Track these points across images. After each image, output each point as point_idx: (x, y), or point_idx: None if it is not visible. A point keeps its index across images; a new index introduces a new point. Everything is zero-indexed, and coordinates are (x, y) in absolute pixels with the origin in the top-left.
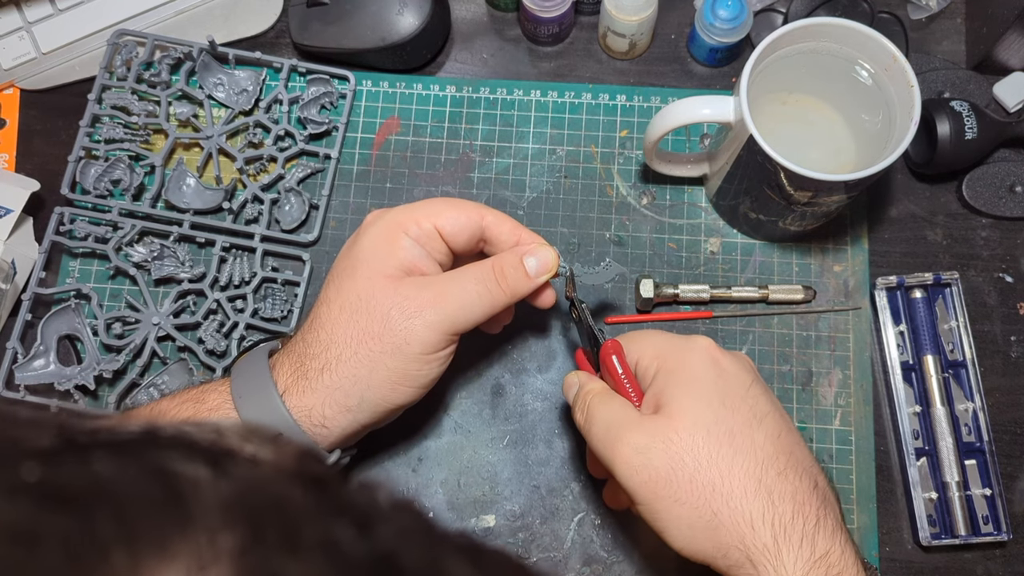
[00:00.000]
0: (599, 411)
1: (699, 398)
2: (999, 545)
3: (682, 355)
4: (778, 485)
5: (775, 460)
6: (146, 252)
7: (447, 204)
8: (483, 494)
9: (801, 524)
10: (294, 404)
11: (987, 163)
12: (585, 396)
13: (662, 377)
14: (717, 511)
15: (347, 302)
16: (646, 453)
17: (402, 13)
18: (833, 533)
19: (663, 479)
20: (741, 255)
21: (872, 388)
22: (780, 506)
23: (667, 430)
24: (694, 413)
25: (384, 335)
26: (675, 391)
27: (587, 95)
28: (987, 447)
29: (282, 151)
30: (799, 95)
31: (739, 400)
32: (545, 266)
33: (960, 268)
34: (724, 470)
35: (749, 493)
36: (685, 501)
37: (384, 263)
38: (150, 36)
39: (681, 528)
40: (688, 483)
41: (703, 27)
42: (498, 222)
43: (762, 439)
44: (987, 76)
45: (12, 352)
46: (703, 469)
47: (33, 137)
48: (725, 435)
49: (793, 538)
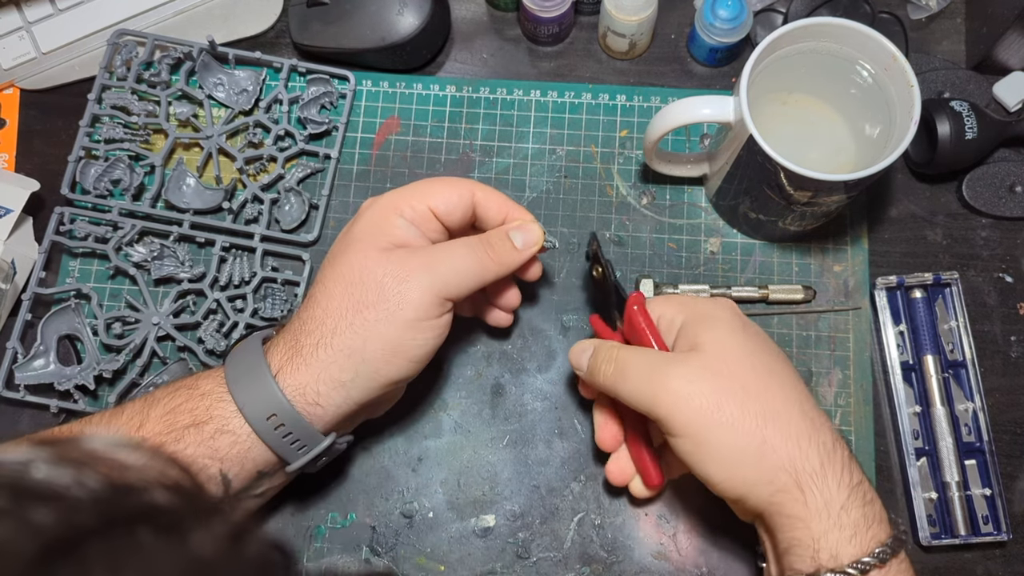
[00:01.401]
0: (633, 359)
1: (735, 338)
2: (999, 545)
3: (708, 306)
4: (816, 415)
5: (808, 396)
6: (146, 252)
7: (439, 183)
8: (483, 494)
9: (840, 452)
10: (287, 383)
11: (987, 163)
12: (609, 351)
13: (691, 324)
14: (768, 436)
15: (341, 275)
16: (697, 383)
17: (402, 13)
18: (859, 466)
19: (714, 406)
20: (741, 255)
21: (872, 388)
22: (822, 433)
23: (714, 361)
24: (735, 348)
25: (378, 303)
26: (710, 333)
27: (587, 95)
28: (987, 447)
29: (282, 151)
30: (799, 95)
31: (768, 344)
32: (531, 238)
33: (960, 268)
34: (772, 400)
35: (795, 418)
36: (736, 427)
37: (377, 239)
38: (150, 36)
39: (729, 456)
40: (740, 408)
41: (703, 27)
42: (487, 197)
43: (794, 379)
44: (987, 76)
45: (12, 352)
46: (752, 396)
47: (33, 137)
48: (765, 369)
49: (836, 463)
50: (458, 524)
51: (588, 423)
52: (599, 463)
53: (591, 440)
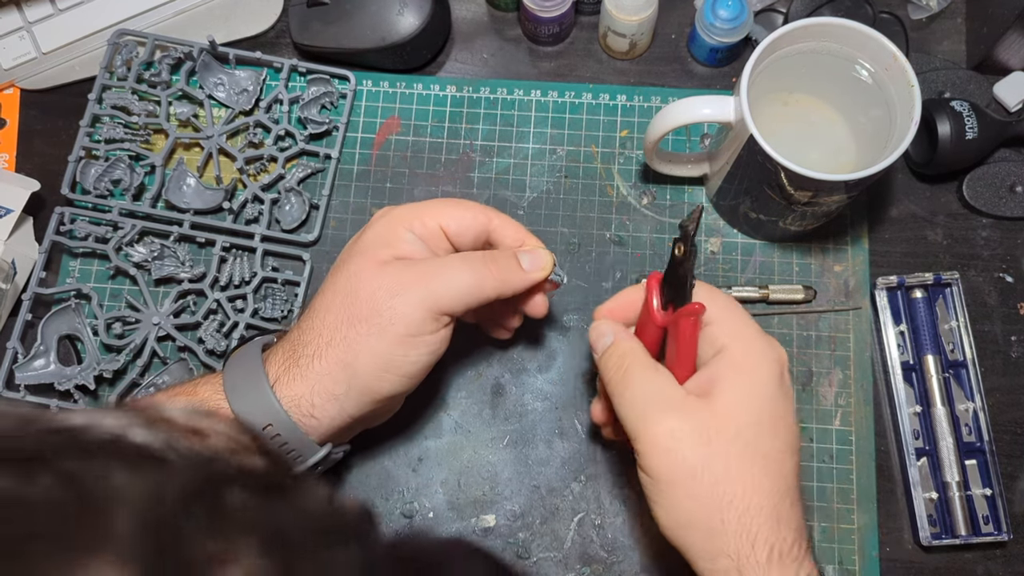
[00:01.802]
0: (639, 379)
1: (752, 409)
2: (999, 545)
3: (756, 355)
4: (788, 514)
5: (793, 492)
6: (146, 252)
7: (453, 204)
8: (483, 494)
9: (796, 551)
10: (284, 394)
11: (987, 163)
12: (624, 356)
13: (725, 366)
14: (726, 520)
15: (339, 287)
16: (681, 441)
17: (402, 13)
18: (811, 554)
19: (687, 472)
20: (741, 255)
21: (872, 388)
22: (785, 532)
23: (709, 427)
24: (741, 423)
25: (370, 317)
26: (732, 391)
27: (587, 95)
28: (987, 447)
29: (282, 151)
30: (799, 95)
31: (784, 426)
32: (539, 263)
33: (960, 268)
34: (748, 486)
35: (762, 515)
36: (699, 499)
37: (380, 251)
38: (150, 36)
39: (680, 519)
40: (710, 485)
41: (703, 27)
42: (503, 224)
43: (789, 469)
44: (987, 76)
45: (12, 352)
46: (731, 478)
47: (33, 137)
48: (761, 456)
49: (786, 561)
50: (458, 524)
51: (588, 423)
52: (599, 463)
53: (591, 440)
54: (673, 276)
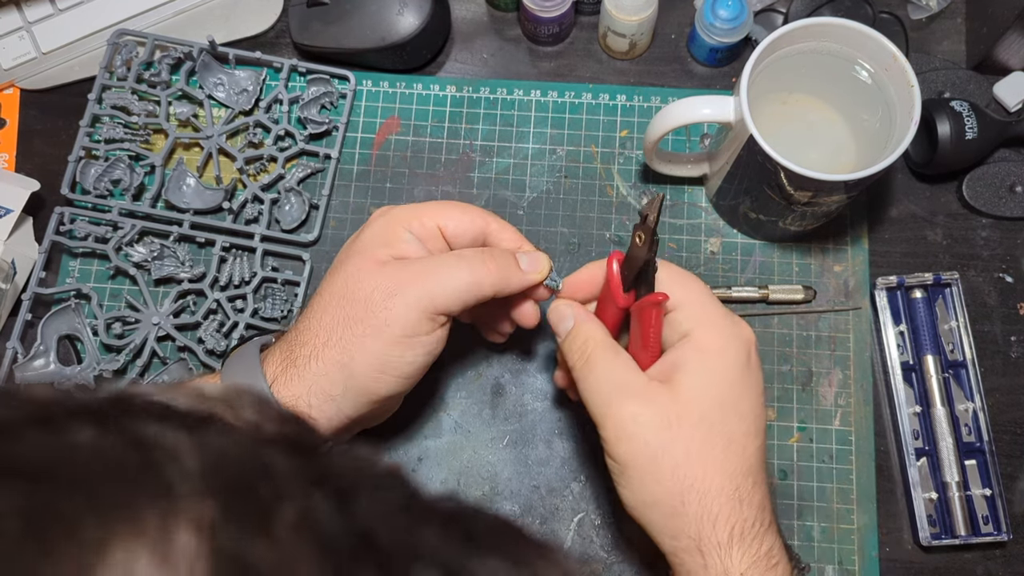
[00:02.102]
0: (601, 363)
1: (716, 394)
2: (999, 545)
3: (722, 337)
4: (750, 494)
5: (756, 471)
6: (146, 252)
7: (452, 206)
8: (483, 494)
9: (757, 527)
10: (281, 394)
11: (987, 163)
12: (586, 342)
13: (690, 350)
14: (686, 502)
15: (336, 288)
16: (643, 426)
17: (402, 13)
18: (774, 528)
19: (649, 456)
20: (741, 255)
21: (872, 388)
22: (746, 511)
23: (670, 412)
24: (705, 407)
25: (366, 318)
26: (695, 375)
27: (587, 95)
28: (987, 447)
29: (282, 151)
30: (799, 95)
31: (749, 408)
32: (536, 265)
33: (960, 268)
34: (709, 469)
35: (723, 496)
36: (660, 482)
37: (377, 251)
38: (150, 36)
39: (643, 499)
40: (671, 469)
41: (703, 27)
42: (501, 229)
43: (752, 450)
44: (987, 76)
45: (12, 352)
46: (691, 462)
47: (33, 137)
48: (724, 438)
49: (747, 538)
50: None
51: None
52: (599, 464)
53: (591, 441)
54: (634, 262)
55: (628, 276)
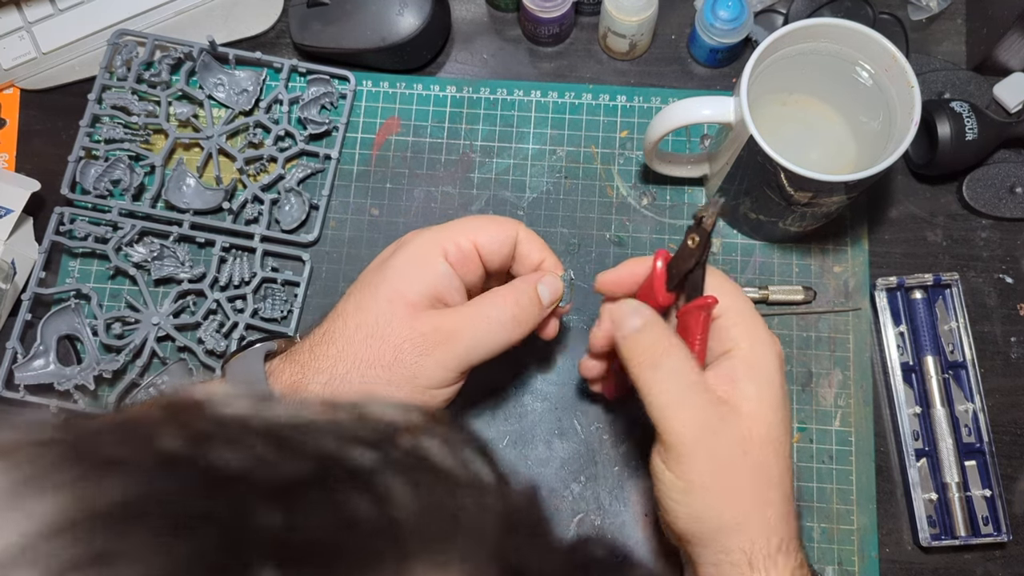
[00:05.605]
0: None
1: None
2: (999, 546)
3: (770, 353)
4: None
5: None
6: (146, 252)
7: (488, 220)
8: None
9: (795, 540)
10: None
11: (987, 164)
12: (656, 345)
13: (740, 366)
14: (750, 519)
15: (364, 322)
16: (712, 440)
17: (402, 13)
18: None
19: (719, 467)
20: (741, 255)
21: (872, 389)
22: (793, 524)
23: (741, 428)
24: (767, 424)
25: (394, 366)
26: (755, 392)
27: (587, 95)
28: (987, 448)
29: (282, 151)
30: (799, 96)
31: (788, 422)
32: (555, 294)
33: (960, 269)
34: (774, 483)
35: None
36: (725, 497)
37: (411, 287)
38: (150, 36)
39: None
40: (738, 488)
41: (703, 27)
42: (528, 240)
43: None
44: (987, 77)
45: (12, 352)
46: (758, 481)
47: (33, 137)
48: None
49: (790, 551)
50: None
51: (588, 424)
52: (599, 464)
53: (591, 441)
54: (683, 263)
55: (674, 276)
